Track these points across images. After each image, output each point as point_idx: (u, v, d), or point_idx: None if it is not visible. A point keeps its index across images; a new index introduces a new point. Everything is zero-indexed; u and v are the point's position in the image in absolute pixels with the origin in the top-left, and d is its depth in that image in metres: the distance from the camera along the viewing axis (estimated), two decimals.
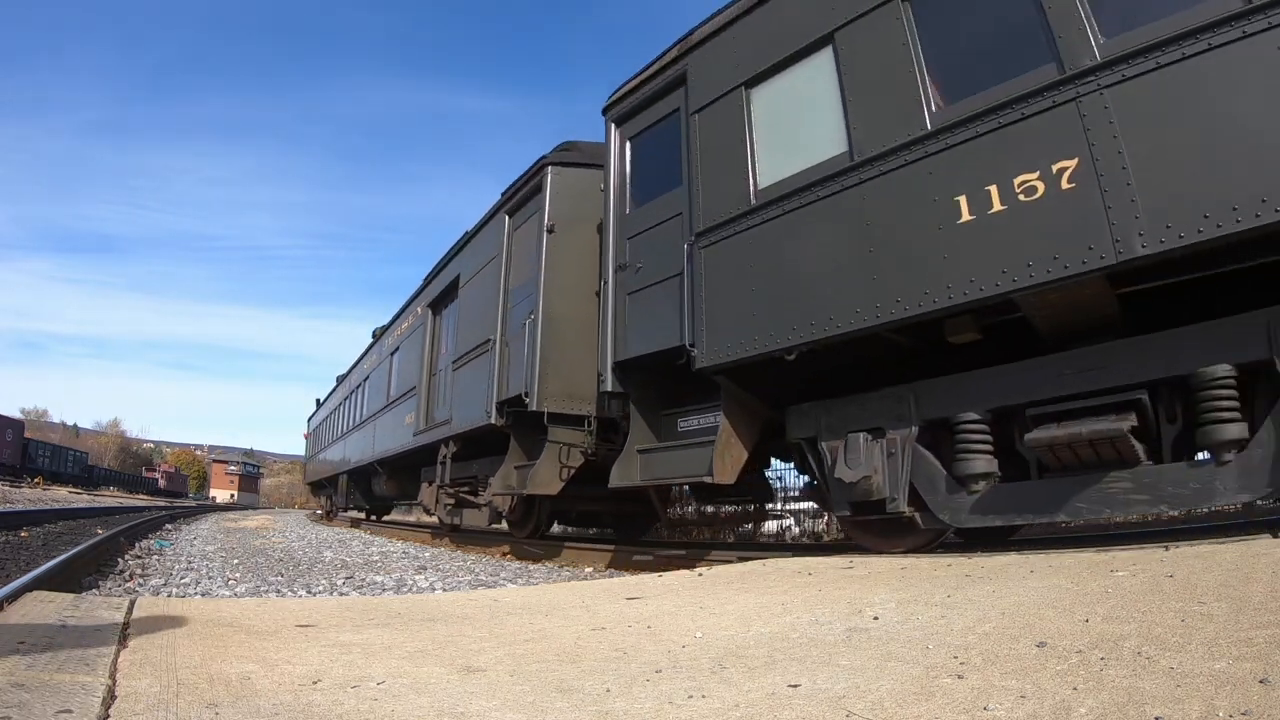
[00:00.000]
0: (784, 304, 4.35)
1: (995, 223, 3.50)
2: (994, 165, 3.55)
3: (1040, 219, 3.35)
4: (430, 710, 1.52)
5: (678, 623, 2.49)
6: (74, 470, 47.19)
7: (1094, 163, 3.21)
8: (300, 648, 2.17)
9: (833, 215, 4.22)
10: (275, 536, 11.22)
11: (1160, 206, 3.03)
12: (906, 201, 3.88)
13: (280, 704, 1.55)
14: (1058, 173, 3.32)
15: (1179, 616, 1.78)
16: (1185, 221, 2.95)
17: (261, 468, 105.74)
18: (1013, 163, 3.48)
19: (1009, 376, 3.74)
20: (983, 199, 3.56)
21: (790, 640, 2.07)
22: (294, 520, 20.28)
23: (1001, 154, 3.53)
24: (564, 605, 3.08)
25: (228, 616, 2.71)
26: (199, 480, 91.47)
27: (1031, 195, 3.39)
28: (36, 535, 8.34)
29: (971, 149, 3.64)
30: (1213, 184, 2.92)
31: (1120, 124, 3.17)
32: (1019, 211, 3.42)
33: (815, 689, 1.56)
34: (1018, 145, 3.47)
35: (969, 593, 2.48)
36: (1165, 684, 1.33)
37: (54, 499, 22.34)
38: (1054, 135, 3.35)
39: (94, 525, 10.95)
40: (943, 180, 3.73)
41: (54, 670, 1.67)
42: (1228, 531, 3.28)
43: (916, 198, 3.83)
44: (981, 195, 3.57)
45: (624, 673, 1.81)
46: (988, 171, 3.57)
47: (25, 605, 2.61)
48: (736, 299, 4.66)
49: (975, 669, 1.58)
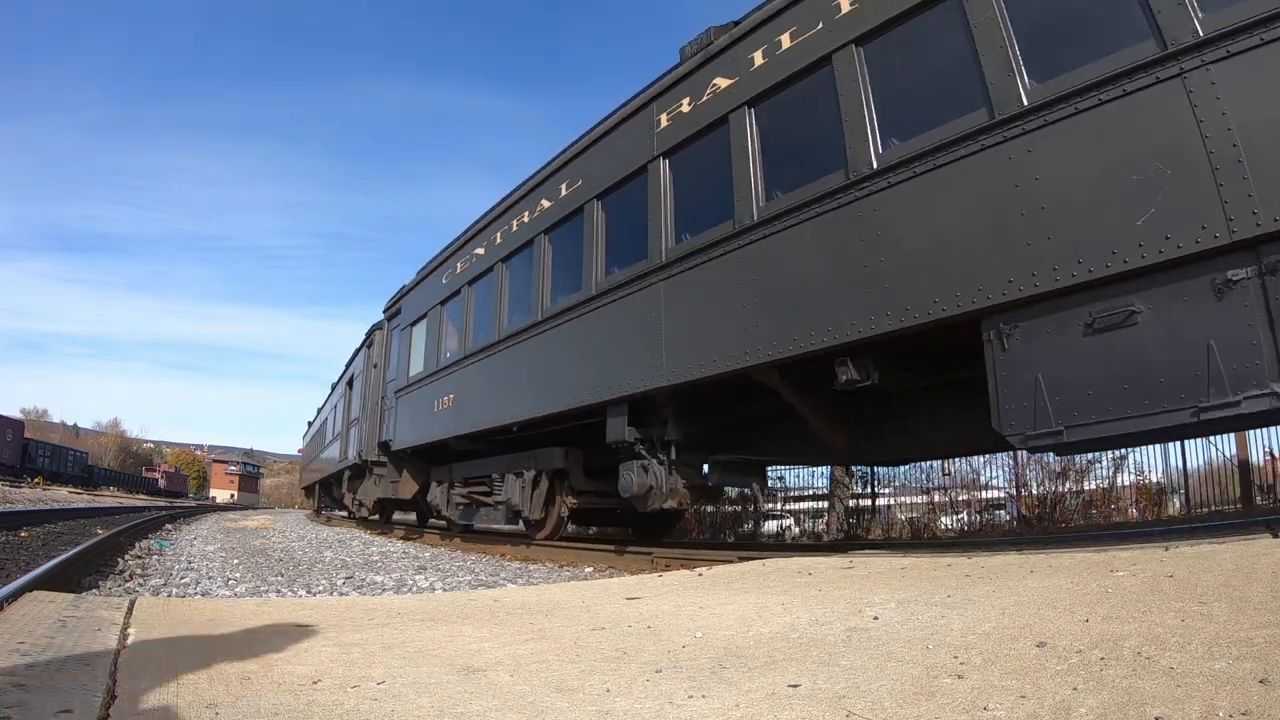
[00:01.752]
0: (425, 423, 9.60)
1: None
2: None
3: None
4: (430, 710, 1.52)
5: (678, 623, 2.49)
6: (74, 470, 47.19)
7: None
8: (300, 648, 2.17)
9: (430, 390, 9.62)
10: (275, 536, 11.22)
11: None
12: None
13: (280, 704, 1.55)
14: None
15: (1179, 616, 1.78)
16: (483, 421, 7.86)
17: (261, 468, 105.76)
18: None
19: (468, 464, 9.03)
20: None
21: (790, 640, 2.07)
22: (294, 520, 20.29)
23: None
24: (564, 605, 3.08)
25: (228, 616, 2.71)
26: (199, 480, 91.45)
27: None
28: (36, 535, 8.34)
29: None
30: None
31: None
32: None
33: (815, 689, 1.56)
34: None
35: (969, 593, 2.48)
36: (1165, 684, 1.33)
37: (54, 499, 22.34)
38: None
39: (94, 525, 10.96)
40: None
41: (54, 670, 1.67)
42: (1228, 531, 3.28)
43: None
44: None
45: (624, 673, 1.81)
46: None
47: (25, 605, 2.61)
48: (410, 420, 10.25)
49: (975, 669, 1.58)
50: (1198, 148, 2.98)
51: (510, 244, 7.58)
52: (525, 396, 6.96)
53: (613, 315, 5.85)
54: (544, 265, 6.85)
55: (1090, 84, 3.29)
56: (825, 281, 4.31)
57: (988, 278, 3.55)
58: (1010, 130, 3.53)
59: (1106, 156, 3.23)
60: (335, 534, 12.45)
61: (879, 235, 4.06)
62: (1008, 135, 3.55)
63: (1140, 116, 3.15)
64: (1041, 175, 3.42)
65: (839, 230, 4.28)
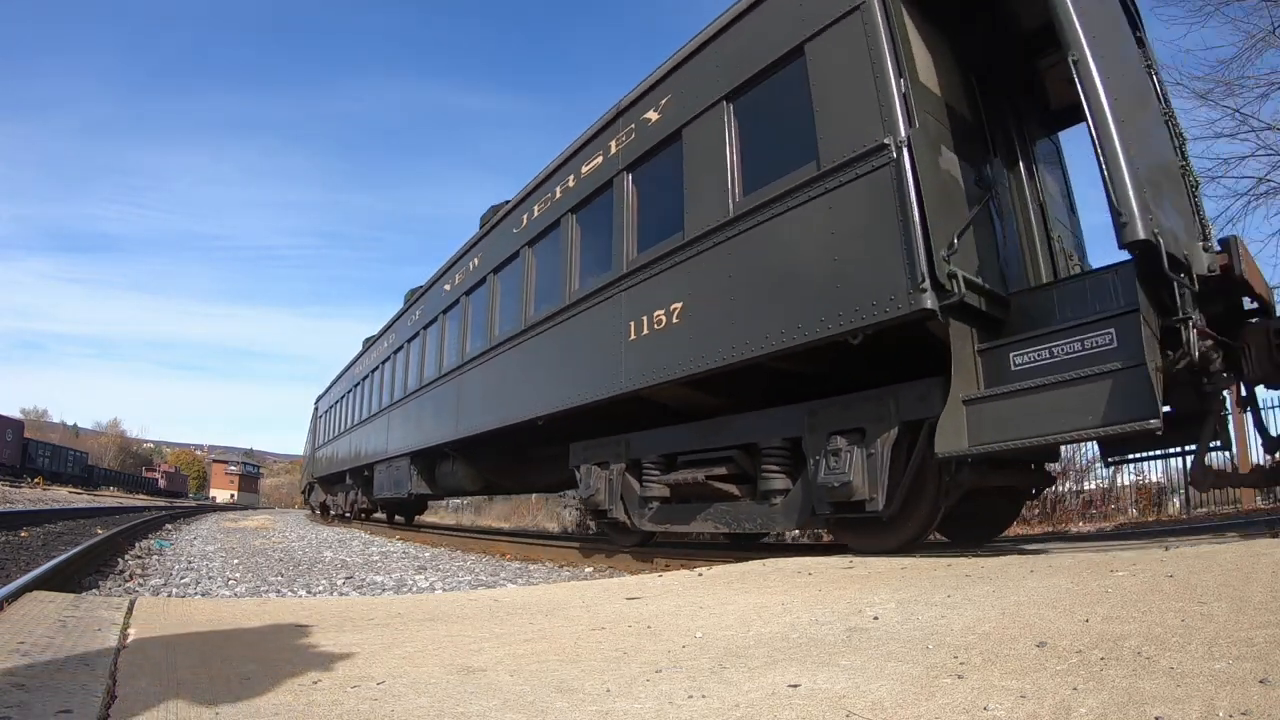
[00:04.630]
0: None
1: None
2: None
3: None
4: (430, 710, 1.52)
5: (678, 623, 2.49)
6: (74, 470, 47.18)
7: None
8: (300, 648, 2.17)
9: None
10: (275, 536, 11.21)
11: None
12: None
13: (280, 704, 1.55)
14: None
15: (1179, 616, 1.78)
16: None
17: (261, 468, 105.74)
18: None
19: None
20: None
21: (790, 640, 2.07)
22: (294, 520, 20.29)
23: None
24: (564, 605, 3.08)
25: (227, 616, 2.71)
26: (199, 480, 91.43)
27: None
28: (36, 535, 8.34)
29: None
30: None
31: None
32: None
33: (815, 689, 1.56)
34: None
35: (969, 592, 2.48)
36: (1165, 684, 1.33)
37: (54, 499, 22.34)
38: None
39: (94, 525, 10.95)
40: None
41: (54, 670, 1.67)
42: (1228, 531, 3.28)
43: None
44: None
45: (624, 673, 1.81)
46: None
47: (25, 605, 2.60)
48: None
49: (975, 669, 1.58)
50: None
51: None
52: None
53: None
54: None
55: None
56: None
57: None
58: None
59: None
60: (335, 534, 12.45)
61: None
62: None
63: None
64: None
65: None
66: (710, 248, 4.97)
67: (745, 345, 4.56)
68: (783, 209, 4.46)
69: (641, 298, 5.58)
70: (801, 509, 4.58)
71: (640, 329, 5.53)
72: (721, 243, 4.89)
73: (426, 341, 10.72)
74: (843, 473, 4.09)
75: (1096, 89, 3.36)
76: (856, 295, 3.93)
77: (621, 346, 5.70)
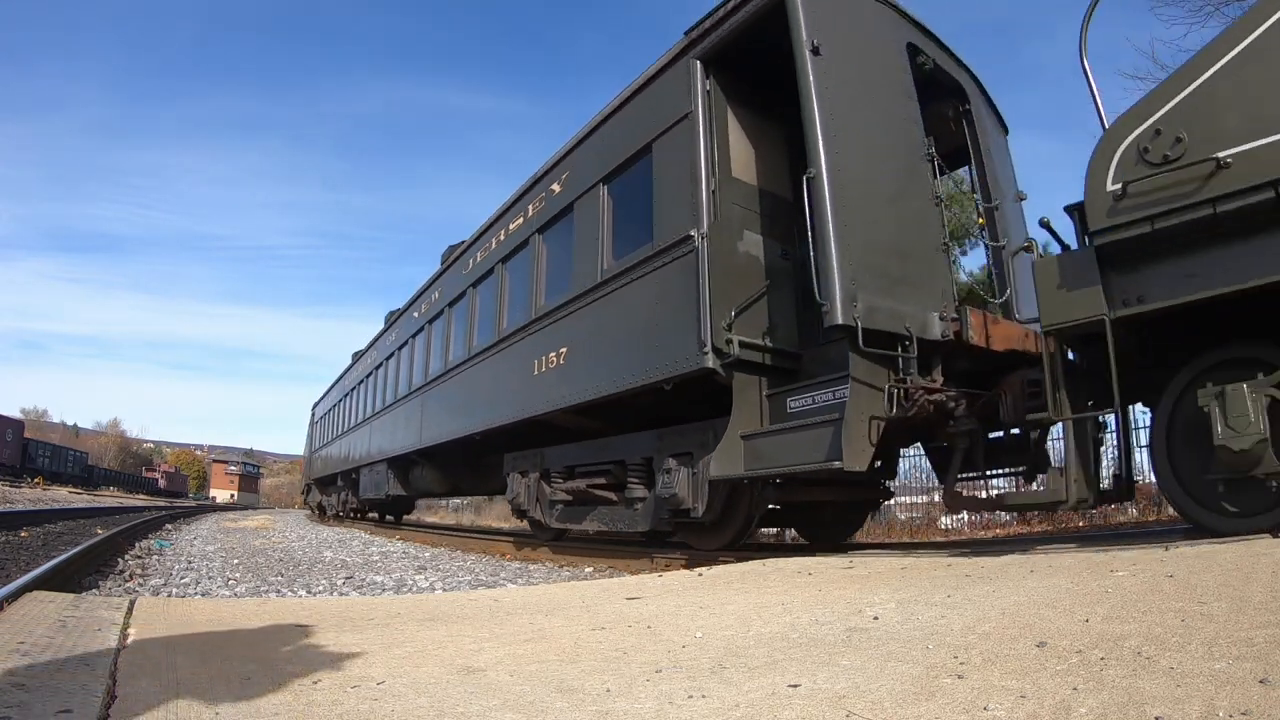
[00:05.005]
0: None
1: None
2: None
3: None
4: (430, 710, 1.52)
5: (678, 623, 2.49)
6: (74, 470, 47.18)
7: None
8: (300, 647, 2.17)
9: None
10: (275, 536, 11.22)
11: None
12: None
13: (280, 704, 1.55)
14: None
15: (1179, 616, 1.78)
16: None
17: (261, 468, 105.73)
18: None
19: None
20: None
21: (790, 640, 2.07)
22: (294, 520, 20.29)
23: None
24: (564, 605, 3.08)
25: (228, 616, 2.72)
26: (199, 480, 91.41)
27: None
28: (36, 535, 8.34)
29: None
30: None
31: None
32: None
33: (815, 689, 1.56)
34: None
35: (969, 592, 2.48)
36: (1165, 684, 1.33)
37: (54, 499, 22.34)
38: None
39: (94, 525, 10.95)
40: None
41: (54, 670, 1.67)
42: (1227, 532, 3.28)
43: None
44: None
45: (624, 673, 1.81)
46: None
47: (25, 605, 2.60)
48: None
49: (975, 669, 1.58)
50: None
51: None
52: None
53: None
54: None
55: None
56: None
57: None
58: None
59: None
60: (335, 534, 12.45)
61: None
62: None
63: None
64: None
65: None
66: (586, 304, 6.07)
67: (605, 384, 5.64)
68: (631, 279, 5.49)
69: (543, 341, 6.74)
70: (654, 514, 5.65)
71: (542, 366, 6.72)
72: (592, 302, 5.98)
73: (400, 360, 12.04)
74: (674, 486, 5.18)
75: (824, 206, 4.13)
76: (670, 352, 4.94)
77: (531, 379, 6.85)
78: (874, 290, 4.14)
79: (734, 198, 5.08)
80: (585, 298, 6.04)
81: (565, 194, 6.67)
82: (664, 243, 5.11)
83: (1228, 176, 3.06)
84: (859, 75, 4.68)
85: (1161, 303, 3.32)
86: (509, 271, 7.84)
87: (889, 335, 4.11)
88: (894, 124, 4.78)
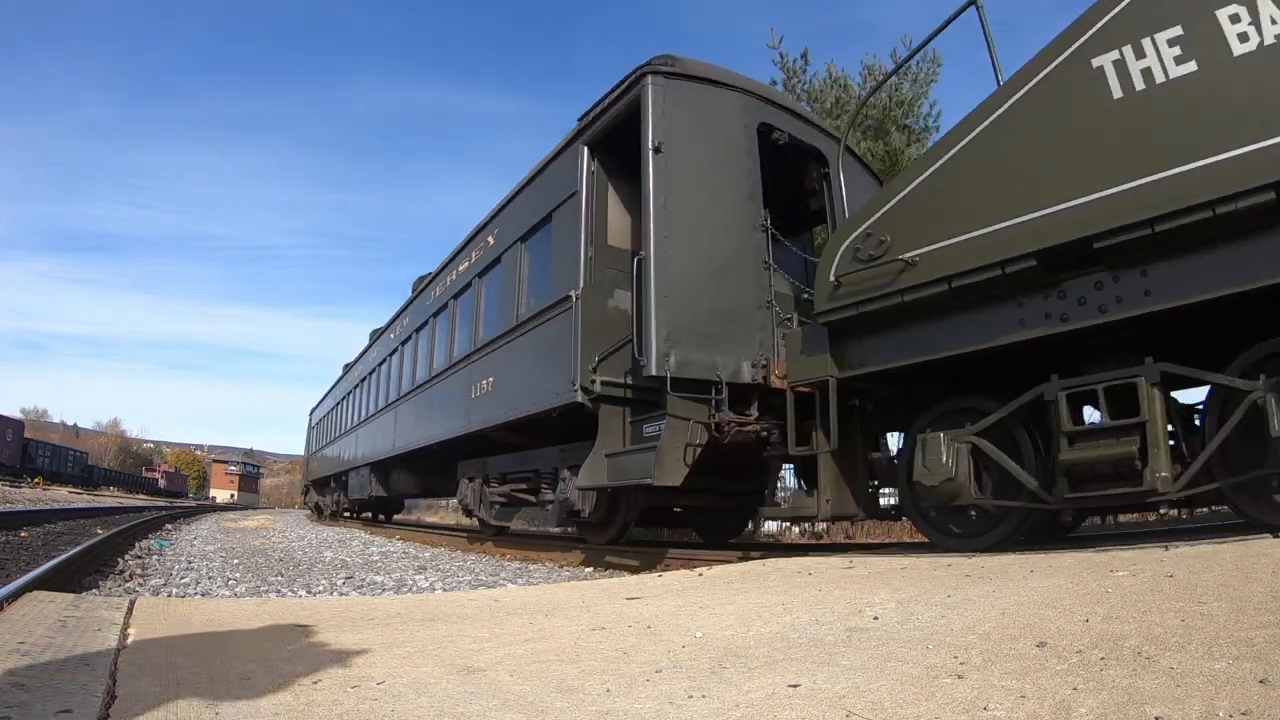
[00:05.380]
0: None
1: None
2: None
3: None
4: (430, 710, 1.52)
5: (678, 623, 2.48)
6: (74, 470, 47.14)
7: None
8: (300, 647, 2.17)
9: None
10: (275, 536, 11.21)
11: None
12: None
13: (280, 704, 1.55)
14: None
15: (1179, 616, 1.78)
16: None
17: (261, 468, 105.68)
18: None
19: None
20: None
21: (790, 640, 2.07)
22: (294, 520, 20.28)
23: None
24: (564, 605, 3.08)
25: (228, 616, 2.72)
26: (199, 480, 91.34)
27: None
28: (36, 535, 8.34)
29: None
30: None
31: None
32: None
33: (815, 689, 1.56)
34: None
35: (969, 593, 2.48)
36: (1165, 684, 1.33)
37: (54, 499, 22.33)
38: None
39: (94, 525, 10.95)
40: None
41: (54, 670, 1.67)
42: (1228, 531, 3.28)
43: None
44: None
45: (624, 672, 1.81)
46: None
47: (25, 605, 2.60)
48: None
49: (975, 669, 1.58)
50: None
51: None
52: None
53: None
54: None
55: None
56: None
57: None
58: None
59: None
60: (335, 534, 12.45)
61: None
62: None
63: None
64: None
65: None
66: (508, 341, 7.29)
67: (519, 409, 6.79)
68: (536, 324, 6.64)
69: (481, 368, 8.00)
70: (560, 515, 6.89)
71: (478, 391, 7.98)
72: (511, 340, 7.20)
73: (380, 376, 13.56)
74: (567, 492, 6.44)
75: (649, 284, 5.15)
76: (554, 387, 6.02)
77: (471, 400, 8.12)
78: (689, 346, 5.17)
79: (609, 262, 6.12)
80: (507, 336, 7.28)
81: (496, 246, 8.01)
82: (556, 297, 6.23)
83: (914, 272, 3.81)
84: (700, 164, 5.63)
85: (877, 366, 4.15)
86: (459, 306, 9.18)
87: (704, 381, 5.12)
88: (730, 202, 5.68)
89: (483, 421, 7.60)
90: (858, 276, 4.07)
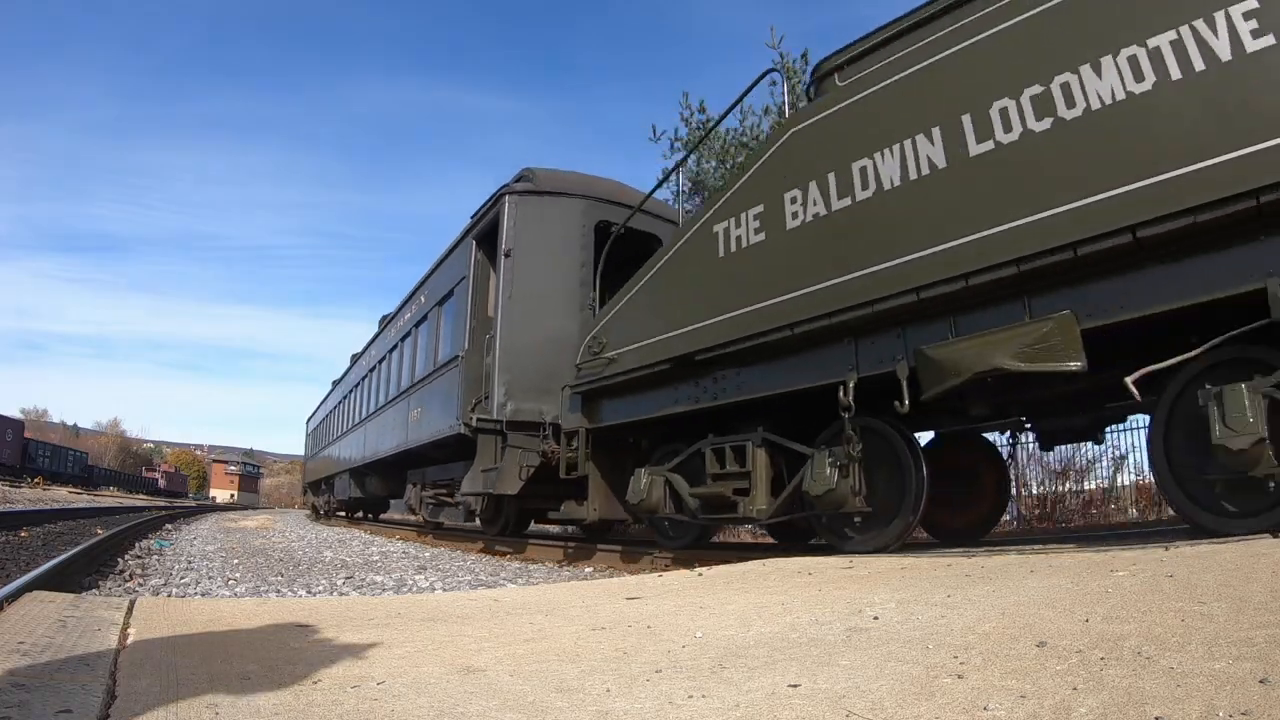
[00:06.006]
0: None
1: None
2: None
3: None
4: (430, 710, 1.52)
5: (678, 623, 2.48)
6: (74, 470, 47.15)
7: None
8: (300, 647, 2.17)
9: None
10: (275, 536, 11.22)
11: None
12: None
13: (280, 704, 1.55)
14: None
15: (1179, 616, 1.78)
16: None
17: (261, 468, 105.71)
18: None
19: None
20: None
21: (790, 640, 2.07)
22: (294, 520, 20.29)
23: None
24: (564, 605, 3.08)
25: (228, 616, 2.71)
26: (199, 480, 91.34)
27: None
28: (36, 535, 8.34)
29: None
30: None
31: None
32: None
33: (815, 689, 1.56)
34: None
35: (969, 592, 2.48)
36: (1165, 684, 1.33)
37: (54, 499, 22.33)
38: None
39: (94, 525, 10.95)
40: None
41: (54, 670, 1.67)
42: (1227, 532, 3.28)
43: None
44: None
45: (624, 673, 1.81)
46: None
47: (25, 605, 2.60)
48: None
49: (975, 669, 1.58)
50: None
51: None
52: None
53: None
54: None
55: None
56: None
57: None
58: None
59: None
60: (335, 534, 12.45)
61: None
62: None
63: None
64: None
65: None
66: (428, 382, 9.70)
67: (433, 434, 9.15)
68: (443, 372, 9.02)
69: (415, 400, 10.41)
70: (465, 513, 9.31)
71: (413, 416, 10.44)
72: (431, 381, 9.59)
73: (355, 397, 16.40)
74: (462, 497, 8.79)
75: (495, 355, 7.56)
76: (449, 420, 8.35)
77: (409, 423, 10.57)
78: (522, 398, 7.42)
79: (487, 329, 7.97)
80: (429, 378, 9.69)
81: (426, 304, 10.41)
82: (452, 354, 8.61)
83: (614, 365, 5.71)
84: (541, 260, 7.66)
85: (608, 422, 6.03)
86: (405, 347, 11.63)
87: (535, 423, 7.24)
88: (565, 287, 7.62)
89: (417, 440, 9.94)
90: (588, 365, 5.99)
